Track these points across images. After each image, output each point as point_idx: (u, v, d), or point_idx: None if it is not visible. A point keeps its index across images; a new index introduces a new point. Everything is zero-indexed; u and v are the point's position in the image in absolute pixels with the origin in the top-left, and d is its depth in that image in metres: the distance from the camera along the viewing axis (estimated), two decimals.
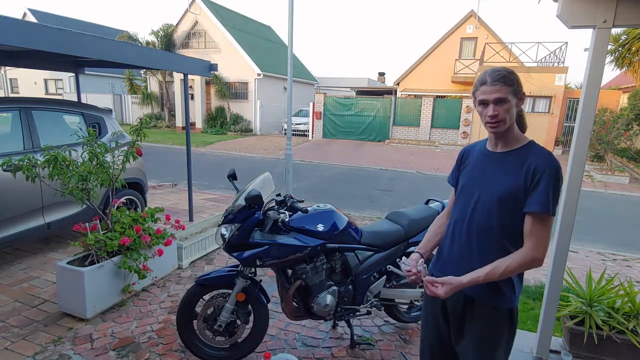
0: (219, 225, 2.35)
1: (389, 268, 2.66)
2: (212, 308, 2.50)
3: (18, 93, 25.32)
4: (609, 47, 9.97)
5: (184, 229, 4.08)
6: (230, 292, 2.43)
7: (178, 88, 18.59)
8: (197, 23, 19.65)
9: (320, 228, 2.40)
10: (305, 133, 18.39)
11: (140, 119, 3.48)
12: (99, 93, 21.71)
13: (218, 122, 19.30)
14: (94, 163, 3.09)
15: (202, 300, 2.53)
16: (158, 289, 3.49)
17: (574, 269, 3.84)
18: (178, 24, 19.92)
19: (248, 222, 2.28)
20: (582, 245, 5.42)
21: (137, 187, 4.84)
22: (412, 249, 2.48)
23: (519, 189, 1.41)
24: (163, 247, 3.43)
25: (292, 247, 2.31)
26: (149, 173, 5.62)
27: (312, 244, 2.35)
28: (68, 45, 3.25)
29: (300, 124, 18.39)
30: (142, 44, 18.30)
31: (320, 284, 2.45)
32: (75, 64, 5.29)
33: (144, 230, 3.32)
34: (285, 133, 12.33)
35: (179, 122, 18.97)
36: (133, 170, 4.55)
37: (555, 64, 15.55)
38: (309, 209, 2.43)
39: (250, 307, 2.50)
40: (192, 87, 18.77)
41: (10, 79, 25.77)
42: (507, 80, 1.41)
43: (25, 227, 3.67)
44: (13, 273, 3.67)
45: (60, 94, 22.76)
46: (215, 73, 16.69)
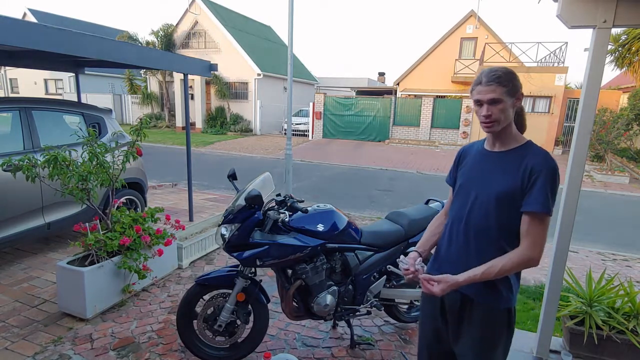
0: (219, 225, 2.35)
1: (389, 268, 2.66)
2: (212, 308, 2.50)
3: (18, 93, 25.32)
4: (609, 47, 9.97)
5: (184, 229, 4.08)
6: (230, 292, 2.43)
7: (178, 88, 18.59)
8: (197, 23, 19.65)
9: (320, 228, 2.40)
10: (305, 133, 18.39)
11: (140, 119, 3.48)
12: (99, 93, 21.71)
13: (218, 122, 19.30)
14: (94, 163, 3.09)
15: (202, 300, 2.53)
16: (158, 289, 3.49)
17: (574, 269, 3.84)
18: (178, 24, 19.92)
19: (248, 222, 2.28)
20: (582, 245, 5.42)
21: (137, 187, 4.84)
22: (412, 249, 2.48)
23: (516, 189, 1.42)
24: (163, 247, 3.43)
25: (292, 247, 2.31)
26: (149, 173, 5.63)
27: (312, 244, 2.35)
28: (68, 45, 3.25)
29: (300, 124, 18.39)
30: (142, 44, 18.30)
31: (320, 284, 2.45)
32: (75, 64, 5.30)
33: (144, 230, 3.32)
34: (285, 133, 12.33)
35: (179, 122, 18.98)
36: (133, 170, 4.55)
37: (555, 64, 15.55)
38: (309, 209, 2.43)
39: (250, 307, 2.50)
40: (192, 87, 18.78)
41: (10, 79, 25.78)
42: (501, 81, 1.42)
43: (25, 227, 3.67)
44: (13, 273, 3.67)
45: (60, 94, 22.76)
46: (215, 73, 16.69)
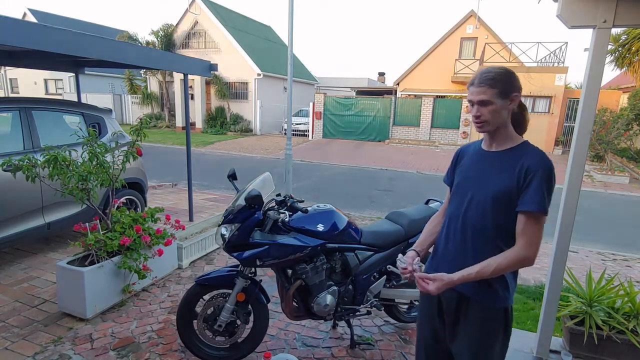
0: (219, 225, 2.35)
1: (389, 268, 2.66)
2: (212, 308, 2.50)
3: (18, 93, 25.32)
4: (609, 47, 9.97)
5: (184, 229, 4.08)
6: (230, 292, 2.43)
7: (178, 88, 18.59)
8: (197, 23, 19.65)
9: (320, 228, 2.40)
10: (305, 133, 18.39)
11: (140, 119, 3.48)
12: (99, 93, 21.71)
13: (218, 122, 19.30)
14: (94, 163, 3.09)
15: (202, 300, 2.53)
16: (158, 289, 3.49)
17: (574, 269, 3.83)
18: (178, 24, 19.92)
19: (248, 222, 2.28)
20: (582, 245, 5.42)
21: (137, 187, 4.84)
22: (410, 249, 2.48)
23: (512, 188, 1.42)
24: (163, 247, 3.43)
25: (292, 247, 2.31)
26: (149, 173, 5.63)
27: (312, 244, 2.35)
28: (68, 45, 3.25)
29: (300, 124, 18.39)
30: (142, 44, 18.31)
31: (320, 284, 2.45)
32: (75, 64, 5.30)
33: (144, 230, 3.32)
34: (285, 133, 12.33)
35: (179, 122, 18.98)
36: (133, 170, 4.55)
37: (555, 64, 15.56)
38: (309, 209, 2.43)
39: (250, 307, 2.50)
40: (192, 87, 18.77)
41: (10, 79, 25.78)
42: (492, 83, 1.43)
43: (25, 227, 3.67)
44: (13, 273, 3.67)
45: (60, 94, 22.76)
46: (215, 73, 16.69)
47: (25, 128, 3.75)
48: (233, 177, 2.63)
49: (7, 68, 22.07)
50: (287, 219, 2.41)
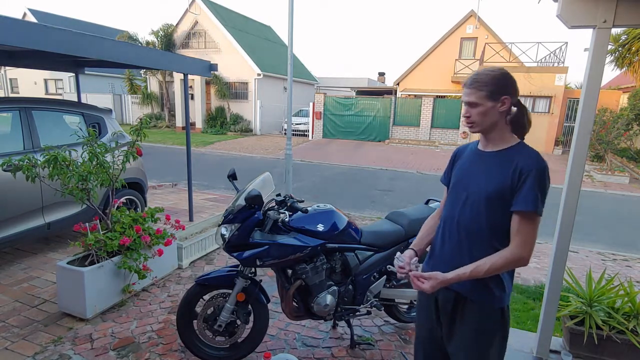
0: (219, 225, 2.35)
1: (389, 268, 2.66)
2: (212, 308, 2.50)
3: (18, 93, 25.32)
4: (609, 47, 9.97)
5: (184, 229, 4.08)
6: (230, 292, 2.43)
7: (178, 88, 18.59)
8: (197, 23, 19.65)
9: (320, 228, 2.40)
10: (305, 133, 18.38)
11: (140, 119, 3.48)
12: (99, 93, 21.71)
13: (218, 122, 19.30)
14: (94, 163, 3.09)
15: (202, 300, 2.53)
16: (158, 289, 3.49)
17: (574, 269, 3.84)
18: (178, 24, 19.92)
19: (248, 222, 2.28)
20: (582, 245, 5.42)
21: (137, 187, 4.84)
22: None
23: (506, 189, 1.42)
24: (163, 247, 3.43)
25: (292, 247, 2.31)
26: (149, 173, 5.63)
27: (312, 244, 2.35)
28: (68, 45, 3.25)
29: (300, 124, 18.39)
30: (142, 44, 18.31)
31: (320, 284, 2.45)
32: (75, 64, 5.30)
33: (144, 230, 3.32)
34: (285, 133, 12.33)
35: (179, 122, 18.97)
36: (133, 170, 4.55)
37: (555, 64, 15.55)
38: (309, 209, 2.43)
39: (250, 307, 2.50)
40: (192, 87, 18.77)
41: (10, 79, 25.77)
42: (480, 85, 1.45)
43: (25, 227, 3.67)
44: (13, 273, 3.67)
45: (60, 94, 22.76)
46: (215, 73, 16.69)
47: (25, 128, 3.75)
48: (233, 177, 2.63)
49: (7, 68, 22.08)
50: (287, 219, 2.41)
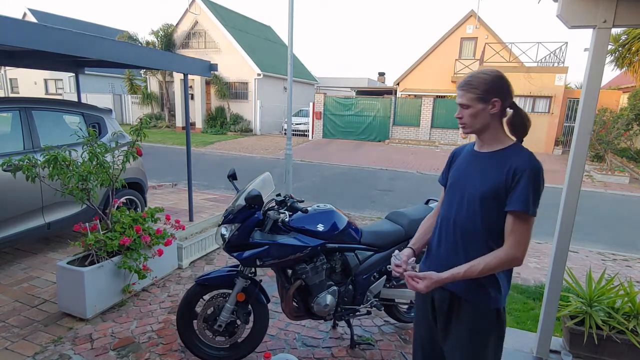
0: (219, 225, 2.35)
1: (389, 268, 2.66)
2: (212, 308, 2.50)
3: (18, 93, 25.32)
4: (609, 47, 9.97)
5: (184, 229, 4.08)
6: (230, 292, 2.43)
7: (178, 88, 18.59)
8: (197, 23, 19.65)
9: (320, 228, 2.40)
10: (305, 133, 18.38)
11: (140, 119, 3.48)
12: (99, 93, 21.71)
13: (218, 122, 19.30)
14: (94, 163, 3.09)
15: (202, 300, 2.53)
16: (158, 289, 3.49)
17: (574, 269, 3.84)
18: (178, 24, 19.92)
19: (248, 222, 2.28)
20: (582, 245, 5.42)
21: (137, 187, 4.84)
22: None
23: (500, 189, 1.43)
24: (163, 247, 3.43)
25: (292, 247, 2.31)
26: (149, 173, 5.63)
27: (312, 244, 2.35)
28: (68, 45, 3.25)
29: (300, 124, 18.39)
30: (142, 44, 18.31)
31: (320, 284, 2.45)
32: (75, 64, 5.30)
33: (144, 230, 3.32)
34: (285, 133, 12.33)
35: (179, 122, 18.97)
36: (133, 170, 4.55)
37: (555, 64, 15.54)
38: (309, 209, 2.43)
39: (250, 307, 2.50)
40: (192, 87, 18.77)
41: (10, 79, 25.77)
42: (470, 88, 1.48)
43: (25, 227, 3.67)
44: (13, 273, 3.67)
45: (60, 94, 22.76)
46: (215, 73, 16.69)
47: (25, 128, 3.75)
48: (233, 177, 2.63)
49: (7, 68, 22.08)
50: (287, 219, 2.41)
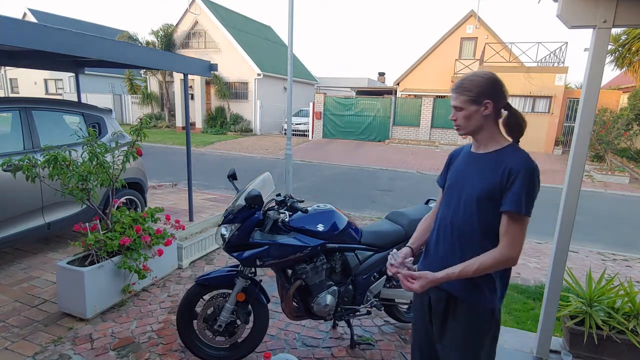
0: (219, 225, 2.35)
1: None
2: (212, 308, 2.50)
3: (18, 93, 25.32)
4: (609, 47, 9.97)
5: (184, 229, 4.08)
6: (230, 292, 2.43)
7: (178, 88, 18.59)
8: (197, 23, 19.65)
9: (320, 228, 2.40)
10: (305, 133, 18.38)
11: (140, 119, 3.48)
12: (99, 93, 21.71)
13: (218, 122, 19.30)
14: (94, 163, 3.09)
15: (202, 300, 2.53)
16: (158, 289, 3.49)
17: (574, 269, 3.84)
18: (178, 24, 19.92)
19: (248, 222, 2.28)
20: (582, 245, 5.42)
21: (137, 187, 4.84)
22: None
23: (495, 190, 1.43)
24: (163, 247, 3.43)
25: (292, 247, 2.31)
26: (149, 173, 5.63)
27: (312, 244, 2.35)
28: (68, 45, 3.25)
29: (300, 124, 18.39)
30: (142, 44, 18.31)
31: (320, 284, 2.45)
32: (75, 64, 5.30)
33: (144, 230, 3.32)
34: (285, 133, 12.33)
35: (179, 122, 18.97)
36: (133, 170, 4.55)
37: (555, 64, 15.54)
38: (309, 209, 2.43)
39: (250, 307, 2.50)
40: (192, 87, 18.77)
41: (10, 79, 25.77)
42: (462, 90, 1.49)
43: (25, 227, 3.67)
44: (13, 273, 3.67)
45: (60, 94, 22.76)
46: (215, 73, 16.69)
47: (25, 128, 3.75)
48: (233, 177, 2.63)
49: (7, 68, 22.08)
50: (287, 219, 2.41)
